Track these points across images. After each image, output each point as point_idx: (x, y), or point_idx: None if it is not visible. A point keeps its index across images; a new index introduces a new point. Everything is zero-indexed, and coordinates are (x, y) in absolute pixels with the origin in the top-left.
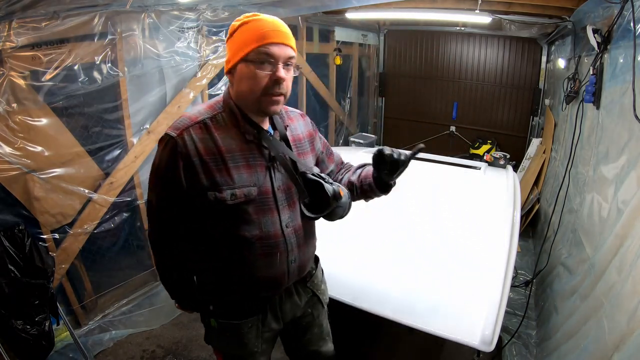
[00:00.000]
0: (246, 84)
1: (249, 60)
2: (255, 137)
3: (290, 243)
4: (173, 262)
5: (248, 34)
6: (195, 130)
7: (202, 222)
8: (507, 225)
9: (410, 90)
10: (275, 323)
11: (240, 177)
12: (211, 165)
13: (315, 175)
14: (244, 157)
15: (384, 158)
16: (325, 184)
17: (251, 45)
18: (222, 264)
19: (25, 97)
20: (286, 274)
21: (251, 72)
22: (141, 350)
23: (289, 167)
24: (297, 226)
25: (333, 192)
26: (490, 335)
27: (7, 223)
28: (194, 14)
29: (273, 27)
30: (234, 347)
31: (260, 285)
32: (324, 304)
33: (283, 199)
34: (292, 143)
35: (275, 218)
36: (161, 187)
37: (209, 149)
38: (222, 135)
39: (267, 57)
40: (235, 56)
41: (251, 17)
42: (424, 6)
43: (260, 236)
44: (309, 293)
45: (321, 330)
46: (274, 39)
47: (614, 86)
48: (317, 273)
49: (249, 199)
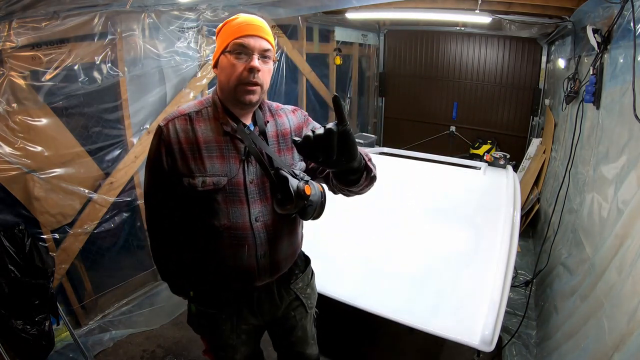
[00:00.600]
0: (224, 73)
1: (227, 51)
2: (232, 130)
3: (259, 237)
4: (162, 245)
5: (228, 29)
6: (180, 121)
7: (183, 208)
8: (507, 225)
9: (410, 90)
10: (254, 318)
11: (212, 166)
12: (188, 154)
13: (285, 171)
14: (219, 148)
15: (306, 145)
16: (290, 180)
17: (229, 38)
18: (198, 251)
19: (25, 97)
20: (255, 268)
21: (229, 62)
22: (141, 350)
23: (263, 162)
24: (269, 222)
25: (297, 189)
26: (490, 335)
27: (7, 223)
28: (194, 14)
29: (249, 21)
30: (211, 335)
31: (230, 275)
32: (308, 308)
33: (255, 193)
34: (273, 139)
35: (244, 210)
36: (151, 172)
37: (188, 138)
38: (203, 128)
39: (243, 48)
40: (217, 51)
41: (234, 18)
42: (424, 6)
43: (228, 226)
44: (292, 295)
45: (305, 334)
46: (249, 31)
47: (614, 86)
48: (303, 276)
49: (217, 187)
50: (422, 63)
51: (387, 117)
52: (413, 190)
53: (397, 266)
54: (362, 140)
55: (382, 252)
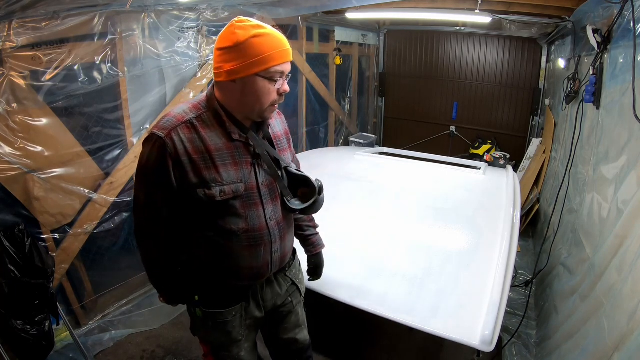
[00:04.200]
0: (256, 96)
1: (264, 77)
2: (241, 136)
3: (274, 235)
4: (158, 257)
5: (265, 49)
6: (183, 130)
7: (191, 216)
8: (507, 225)
9: (410, 90)
10: (258, 311)
11: (228, 174)
12: (200, 164)
13: (299, 171)
14: (231, 155)
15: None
16: (310, 179)
17: (269, 63)
18: (208, 255)
19: (25, 97)
20: (269, 264)
21: (265, 87)
22: (141, 350)
23: (271, 163)
24: (280, 219)
25: (320, 186)
26: (490, 335)
27: (7, 223)
28: (194, 14)
29: (284, 46)
30: (218, 336)
31: (244, 275)
32: (302, 292)
33: (267, 194)
34: (273, 141)
35: (260, 212)
36: (150, 185)
37: (197, 148)
38: (209, 135)
39: (280, 74)
40: (247, 69)
41: (260, 30)
42: (424, 6)
43: (247, 229)
44: (289, 282)
45: (297, 318)
46: (287, 58)
47: (614, 86)
48: (295, 263)
49: (236, 195)
50: (422, 63)
51: (387, 117)
52: (413, 191)
53: (397, 266)
54: (362, 140)
55: (382, 251)
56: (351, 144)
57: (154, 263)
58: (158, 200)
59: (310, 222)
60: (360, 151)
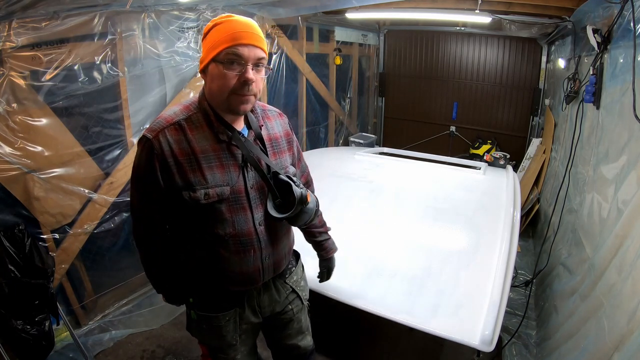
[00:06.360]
0: (216, 83)
1: (219, 60)
2: (228, 138)
3: (264, 240)
4: (155, 258)
5: (220, 34)
6: (171, 132)
7: (180, 219)
8: (507, 225)
9: (410, 90)
10: (254, 317)
11: (213, 177)
12: (185, 166)
13: (286, 177)
14: (217, 157)
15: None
16: (293, 186)
17: (221, 46)
18: (199, 260)
19: (25, 97)
20: (260, 271)
21: (220, 72)
22: (141, 350)
23: (259, 167)
24: (271, 224)
25: (300, 195)
26: (490, 335)
27: (7, 223)
28: (194, 14)
29: (244, 28)
30: (212, 338)
31: (235, 281)
32: (304, 300)
33: (256, 198)
34: (267, 142)
35: (248, 216)
36: (141, 187)
37: (183, 150)
38: (197, 136)
39: (237, 57)
40: (207, 56)
41: (225, 18)
42: (424, 6)
43: (234, 234)
44: (288, 289)
45: (300, 325)
46: (244, 40)
47: (614, 86)
48: (296, 270)
49: (222, 198)
50: (422, 63)
51: (387, 117)
52: (413, 191)
53: (397, 266)
54: (362, 140)
55: (382, 251)
56: (351, 144)
57: (151, 263)
58: (151, 202)
59: (322, 228)
60: (360, 151)
